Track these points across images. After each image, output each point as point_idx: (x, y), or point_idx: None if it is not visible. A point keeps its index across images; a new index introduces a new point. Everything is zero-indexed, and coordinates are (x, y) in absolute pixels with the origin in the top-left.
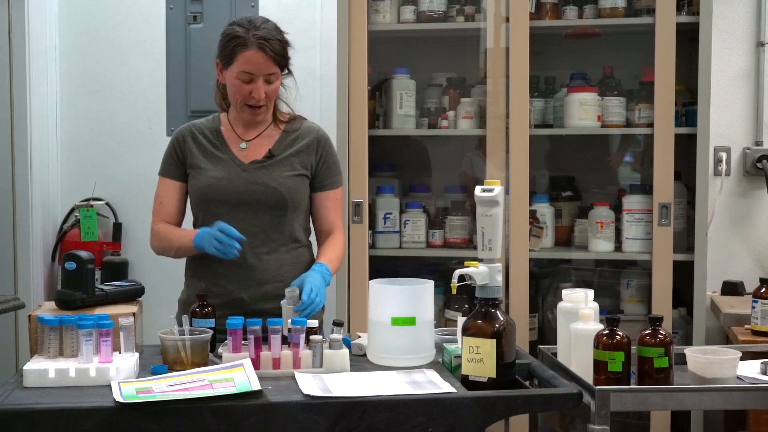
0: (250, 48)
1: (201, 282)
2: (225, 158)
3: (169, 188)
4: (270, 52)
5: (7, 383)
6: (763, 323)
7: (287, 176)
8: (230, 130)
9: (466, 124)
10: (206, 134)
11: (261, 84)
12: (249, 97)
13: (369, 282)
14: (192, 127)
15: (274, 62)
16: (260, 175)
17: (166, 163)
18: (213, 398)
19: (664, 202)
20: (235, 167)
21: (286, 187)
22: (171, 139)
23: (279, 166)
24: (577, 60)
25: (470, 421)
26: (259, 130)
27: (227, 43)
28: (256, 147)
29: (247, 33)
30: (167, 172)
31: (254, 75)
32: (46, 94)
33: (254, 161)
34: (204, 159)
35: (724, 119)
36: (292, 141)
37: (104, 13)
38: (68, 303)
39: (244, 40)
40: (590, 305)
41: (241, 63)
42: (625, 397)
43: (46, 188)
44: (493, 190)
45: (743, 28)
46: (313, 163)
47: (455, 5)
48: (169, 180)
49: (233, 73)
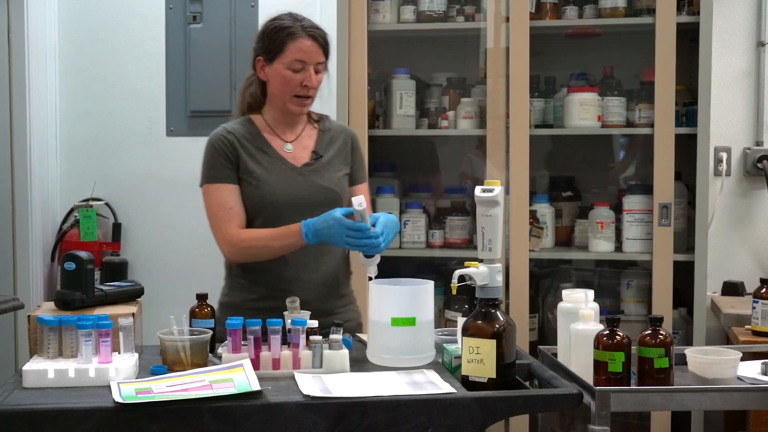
0: (301, 37)
1: (262, 288)
2: (277, 162)
3: (232, 193)
4: (321, 40)
5: (6, 384)
6: (763, 323)
7: (338, 176)
8: (271, 132)
9: (466, 124)
10: (248, 138)
11: (312, 72)
12: (300, 87)
13: (369, 282)
14: (232, 131)
15: (323, 51)
16: (314, 176)
17: (217, 169)
18: (212, 399)
19: (664, 203)
20: (289, 171)
21: (340, 186)
22: (212, 145)
23: (328, 166)
24: (577, 60)
25: (470, 422)
26: (298, 131)
27: (274, 36)
28: (299, 148)
29: (294, 23)
30: (223, 177)
31: (306, 63)
32: (46, 94)
33: (306, 164)
34: (255, 164)
35: (725, 119)
36: (330, 140)
37: (104, 13)
38: (67, 303)
39: (294, 30)
40: (590, 305)
41: (293, 52)
42: (625, 398)
43: (45, 188)
44: (493, 190)
45: (743, 28)
46: (350, 160)
47: (455, 5)
48: (228, 185)
49: (283, 64)
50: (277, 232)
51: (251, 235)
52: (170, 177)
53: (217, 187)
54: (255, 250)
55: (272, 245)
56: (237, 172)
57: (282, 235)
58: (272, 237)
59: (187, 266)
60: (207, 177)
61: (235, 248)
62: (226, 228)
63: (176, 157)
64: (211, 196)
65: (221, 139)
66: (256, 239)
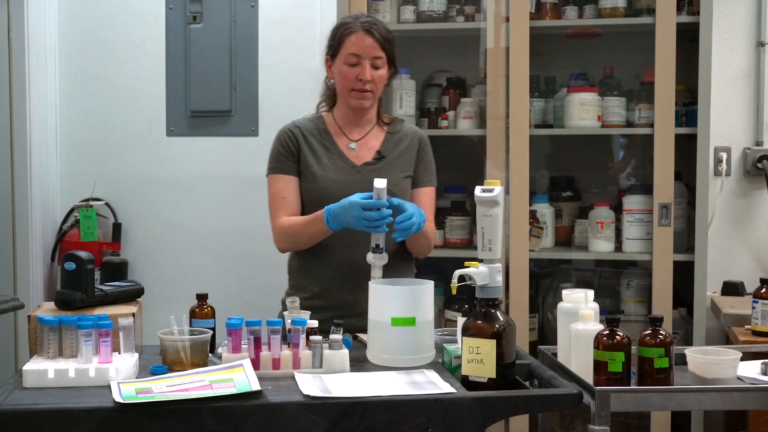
0: (357, 31)
1: (314, 286)
2: (337, 159)
3: (288, 183)
4: (376, 35)
5: (6, 384)
6: (763, 323)
7: (399, 178)
8: (338, 130)
9: (466, 124)
10: (314, 134)
11: (367, 66)
12: (356, 81)
13: (369, 282)
14: (299, 125)
15: (380, 45)
16: (374, 176)
17: (279, 161)
18: (212, 399)
19: (664, 203)
20: (348, 168)
21: (398, 188)
22: (278, 137)
23: (389, 167)
24: (577, 60)
25: (470, 422)
26: (365, 131)
27: (335, 33)
28: (364, 147)
29: (354, 20)
30: (283, 169)
31: (361, 57)
32: (46, 94)
33: (366, 163)
34: (316, 160)
35: (725, 119)
36: (396, 142)
37: (104, 13)
38: (68, 303)
39: (351, 26)
40: (590, 305)
41: (348, 46)
42: (625, 398)
43: (45, 188)
44: (493, 190)
45: (743, 27)
46: (414, 162)
47: (455, 5)
48: (287, 176)
49: (341, 59)
50: (307, 219)
51: (290, 221)
52: (170, 177)
53: (276, 178)
54: (290, 236)
55: (303, 231)
56: (298, 165)
57: (310, 222)
58: (303, 223)
59: (187, 266)
60: (269, 168)
61: (278, 235)
62: (277, 217)
63: (176, 157)
64: (271, 186)
65: (286, 133)
66: (291, 226)
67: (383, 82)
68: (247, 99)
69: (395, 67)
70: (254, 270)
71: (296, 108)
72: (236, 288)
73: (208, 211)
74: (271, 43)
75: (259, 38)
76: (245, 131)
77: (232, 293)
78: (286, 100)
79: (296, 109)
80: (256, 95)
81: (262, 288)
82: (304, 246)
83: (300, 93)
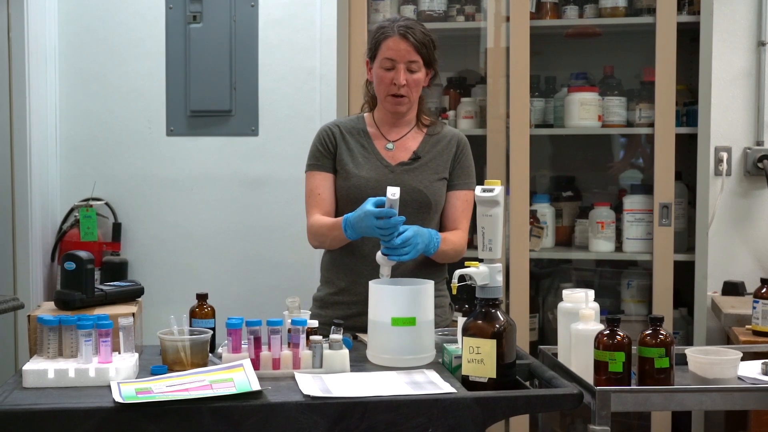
0: (392, 36)
1: (341, 281)
2: (373, 158)
3: (324, 180)
4: (411, 39)
5: (6, 384)
6: (764, 323)
7: (433, 180)
8: (376, 131)
9: (467, 124)
10: (353, 133)
11: (402, 70)
12: (391, 86)
13: (369, 282)
14: (339, 124)
15: (415, 50)
16: (407, 177)
17: (316, 158)
18: (213, 399)
19: (664, 202)
20: (382, 168)
21: (432, 190)
22: (318, 135)
23: (424, 168)
24: (577, 60)
25: (470, 422)
26: (404, 131)
27: (373, 37)
28: (402, 148)
29: (391, 24)
30: (320, 166)
31: (395, 61)
32: (46, 93)
33: (401, 163)
34: (351, 158)
35: (725, 119)
36: (434, 143)
37: (104, 13)
38: (67, 303)
39: (387, 30)
40: (591, 305)
41: (384, 51)
42: (625, 398)
43: (45, 188)
44: (493, 190)
45: (744, 27)
46: (450, 164)
47: (455, 5)
48: (323, 173)
49: (377, 64)
50: (331, 223)
51: (318, 222)
52: (170, 177)
53: (312, 174)
54: (318, 237)
55: (327, 234)
56: (334, 163)
57: (333, 227)
58: (328, 227)
59: (187, 266)
60: (307, 165)
61: (309, 232)
62: (311, 213)
63: (176, 157)
64: (308, 183)
65: (325, 130)
66: (318, 227)
67: (420, 85)
68: (247, 99)
69: (435, 69)
70: (254, 270)
71: (296, 108)
72: (236, 288)
73: (208, 211)
74: (271, 42)
75: (259, 38)
76: (245, 131)
77: (232, 293)
78: (286, 99)
79: (296, 109)
80: (256, 95)
81: (262, 288)
82: (330, 247)
83: (300, 93)
